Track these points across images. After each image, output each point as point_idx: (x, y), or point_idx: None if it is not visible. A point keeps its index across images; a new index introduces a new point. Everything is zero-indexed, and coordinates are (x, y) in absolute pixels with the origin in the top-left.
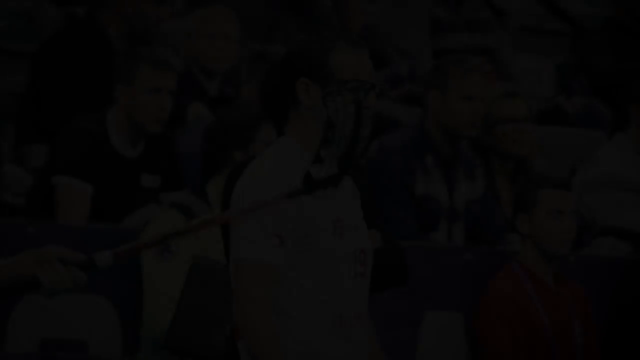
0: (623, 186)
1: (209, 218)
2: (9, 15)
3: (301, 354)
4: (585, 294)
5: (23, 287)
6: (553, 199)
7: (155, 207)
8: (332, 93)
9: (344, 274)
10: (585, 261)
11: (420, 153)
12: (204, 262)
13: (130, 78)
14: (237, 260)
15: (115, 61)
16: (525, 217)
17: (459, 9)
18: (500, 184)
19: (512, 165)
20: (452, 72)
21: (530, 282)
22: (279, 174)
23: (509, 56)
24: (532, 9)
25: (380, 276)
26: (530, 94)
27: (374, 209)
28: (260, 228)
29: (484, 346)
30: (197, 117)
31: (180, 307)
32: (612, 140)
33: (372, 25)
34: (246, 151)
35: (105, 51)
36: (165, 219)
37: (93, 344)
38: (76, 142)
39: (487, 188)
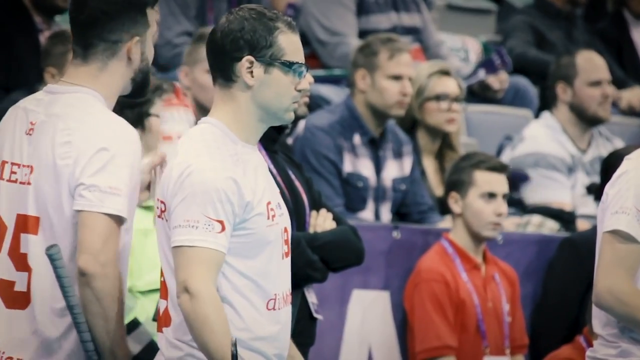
0: (550, 165)
1: None
2: None
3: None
4: (514, 272)
5: None
6: (487, 182)
7: None
8: (277, 74)
9: (275, 255)
10: (513, 240)
11: (348, 132)
12: None
13: (63, 61)
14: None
15: (41, 43)
16: (457, 196)
17: None
18: (427, 162)
19: (439, 143)
20: (380, 51)
21: (460, 261)
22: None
23: (435, 35)
24: None
25: (337, 255)
26: (457, 73)
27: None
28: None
29: (414, 324)
30: None
31: None
32: (539, 118)
33: (297, 4)
34: None
35: (30, 29)
36: None
37: None
38: None
39: (414, 166)
